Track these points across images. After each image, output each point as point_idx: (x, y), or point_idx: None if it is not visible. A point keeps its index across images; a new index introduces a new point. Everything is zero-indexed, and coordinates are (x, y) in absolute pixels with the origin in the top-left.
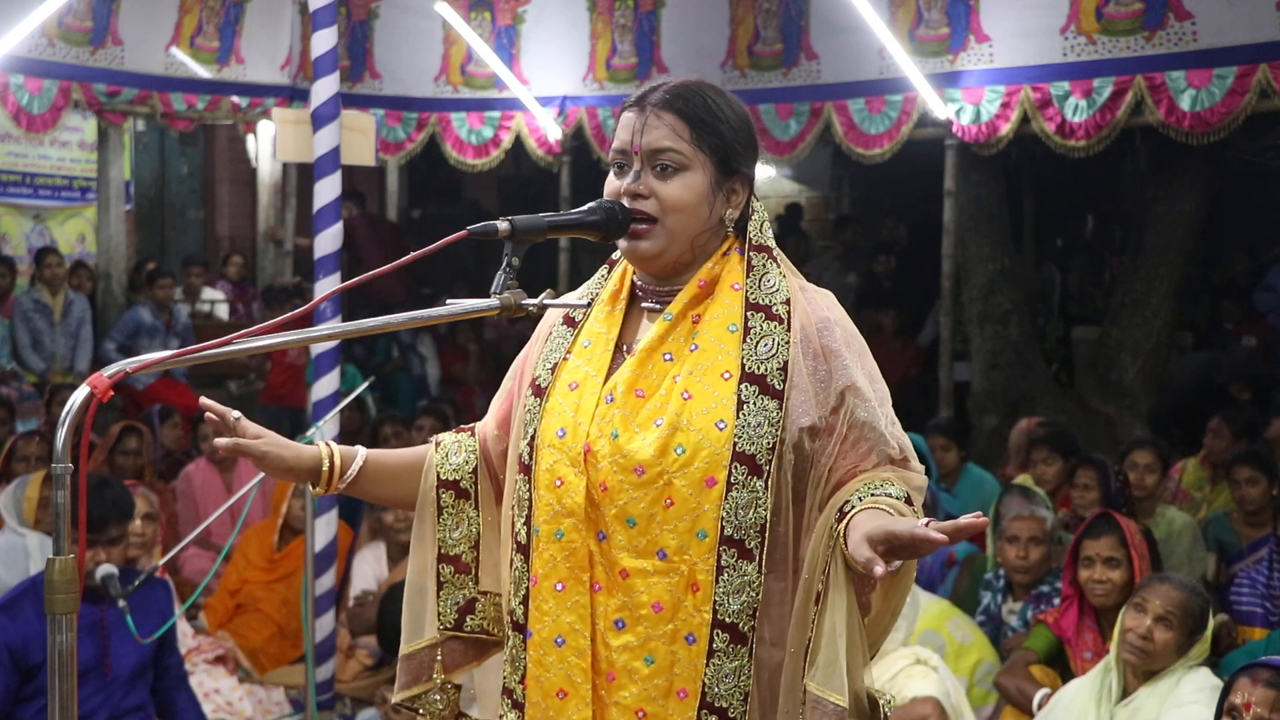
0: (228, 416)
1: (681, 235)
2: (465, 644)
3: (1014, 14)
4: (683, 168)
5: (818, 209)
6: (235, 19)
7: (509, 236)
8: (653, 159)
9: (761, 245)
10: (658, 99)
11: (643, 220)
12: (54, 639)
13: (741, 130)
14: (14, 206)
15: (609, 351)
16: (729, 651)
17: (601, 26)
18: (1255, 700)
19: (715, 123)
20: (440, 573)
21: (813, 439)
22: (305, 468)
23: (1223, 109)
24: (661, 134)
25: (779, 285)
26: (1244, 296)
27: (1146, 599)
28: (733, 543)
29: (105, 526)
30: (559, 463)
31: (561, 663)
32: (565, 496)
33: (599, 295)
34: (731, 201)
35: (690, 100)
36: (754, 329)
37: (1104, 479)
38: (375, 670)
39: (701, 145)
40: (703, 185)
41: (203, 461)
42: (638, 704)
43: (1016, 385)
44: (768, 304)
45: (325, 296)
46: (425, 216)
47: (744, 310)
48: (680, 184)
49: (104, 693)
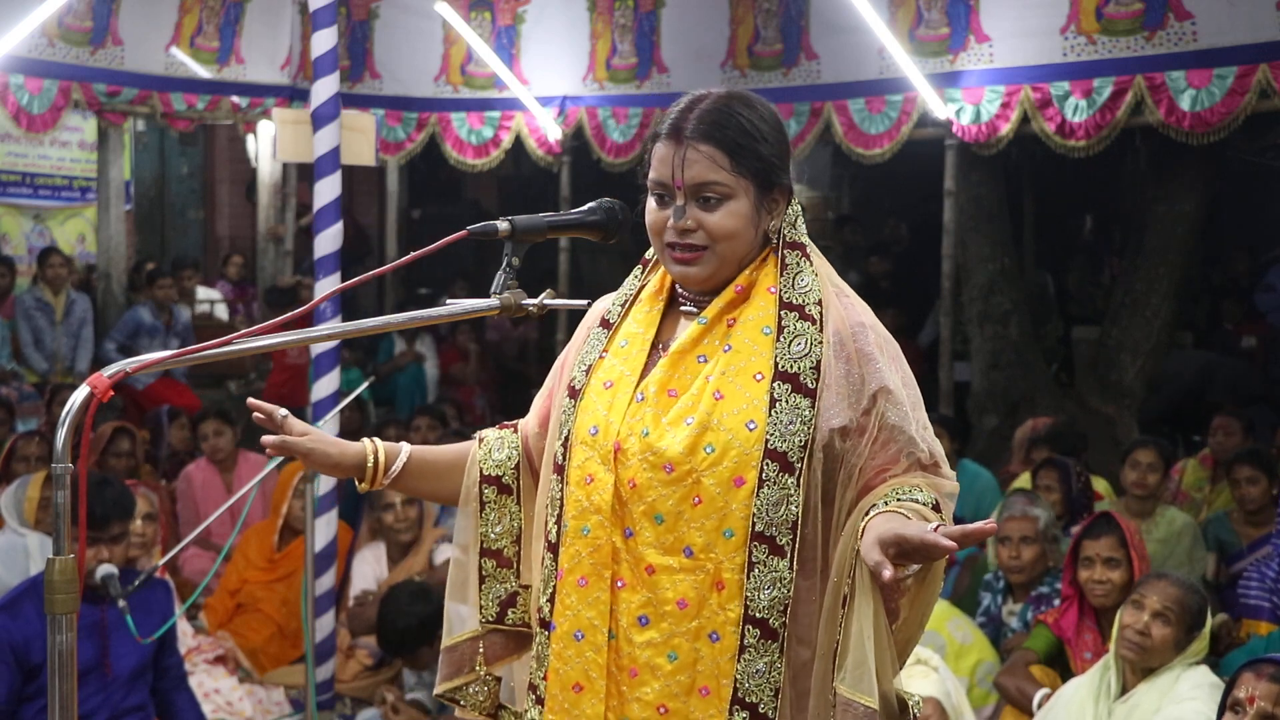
0: (275, 415)
1: (731, 259)
2: (506, 637)
3: (1014, 14)
4: (726, 197)
5: (818, 209)
6: (235, 19)
7: (509, 236)
8: (696, 192)
9: (795, 243)
10: (693, 130)
11: (691, 248)
12: (54, 639)
13: (777, 142)
14: (14, 206)
15: (645, 351)
16: (759, 647)
17: (601, 26)
18: (1259, 694)
19: (753, 144)
20: (482, 566)
21: (843, 440)
22: (350, 464)
23: (1223, 109)
24: (703, 168)
25: (811, 285)
26: (1244, 297)
27: (1144, 595)
28: (764, 539)
29: (107, 524)
30: (590, 460)
31: (579, 657)
32: (595, 493)
33: (638, 295)
34: (774, 213)
35: (726, 126)
36: (787, 329)
37: (1065, 480)
38: (375, 670)
39: (742, 172)
40: (747, 209)
41: (203, 462)
42: (659, 700)
43: (1016, 385)
44: (801, 304)
45: (325, 296)
46: (425, 216)
47: (778, 311)
48: (726, 213)
49: (104, 693)
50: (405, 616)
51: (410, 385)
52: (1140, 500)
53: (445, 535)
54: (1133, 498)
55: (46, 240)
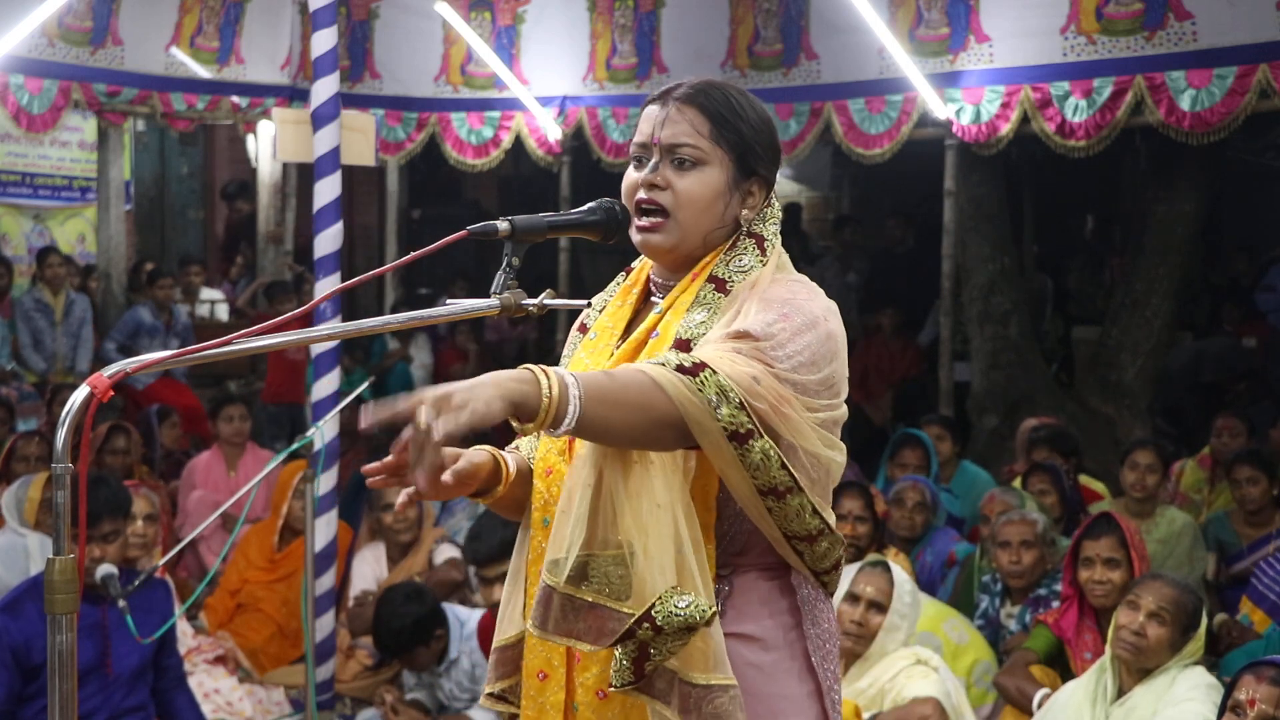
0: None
1: (693, 230)
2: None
3: (1014, 14)
4: (700, 162)
5: (818, 209)
6: (235, 19)
7: (509, 236)
8: (671, 152)
9: (755, 233)
10: (681, 94)
11: (655, 212)
12: (54, 639)
13: (763, 132)
14: (14, 206)
15: (611, 344)
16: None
17: (601, 26)
18: (1260, 697)
19: (737, 121)
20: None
21: None
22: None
23: (1223, 109)
24: (682, 128)
25: (748, 265)
26: (1244, 297)
27: (1140, 596)
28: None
29: (98, 522)
30: (550, 452)
31: (542, 646)
32: (553, 485)
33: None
34: (747, 203)
35: (713, 97)
36: (699, 300)
37: (1057, 483)
38: (375, 670)
39: (721, 142)
40: (719, 182)
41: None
42: (599, 684)
43: (1016, 385)
44: (724, 278)
45: (325, 296)
46: (425, 216)
47: (700, 287)
48: (696, 178)
49: (104, 693)
50: (400, 617)
51: (398, 385)
52: (1139, 502)
53: (445, 535)
54: (1131, 499)
55: (46, 240)
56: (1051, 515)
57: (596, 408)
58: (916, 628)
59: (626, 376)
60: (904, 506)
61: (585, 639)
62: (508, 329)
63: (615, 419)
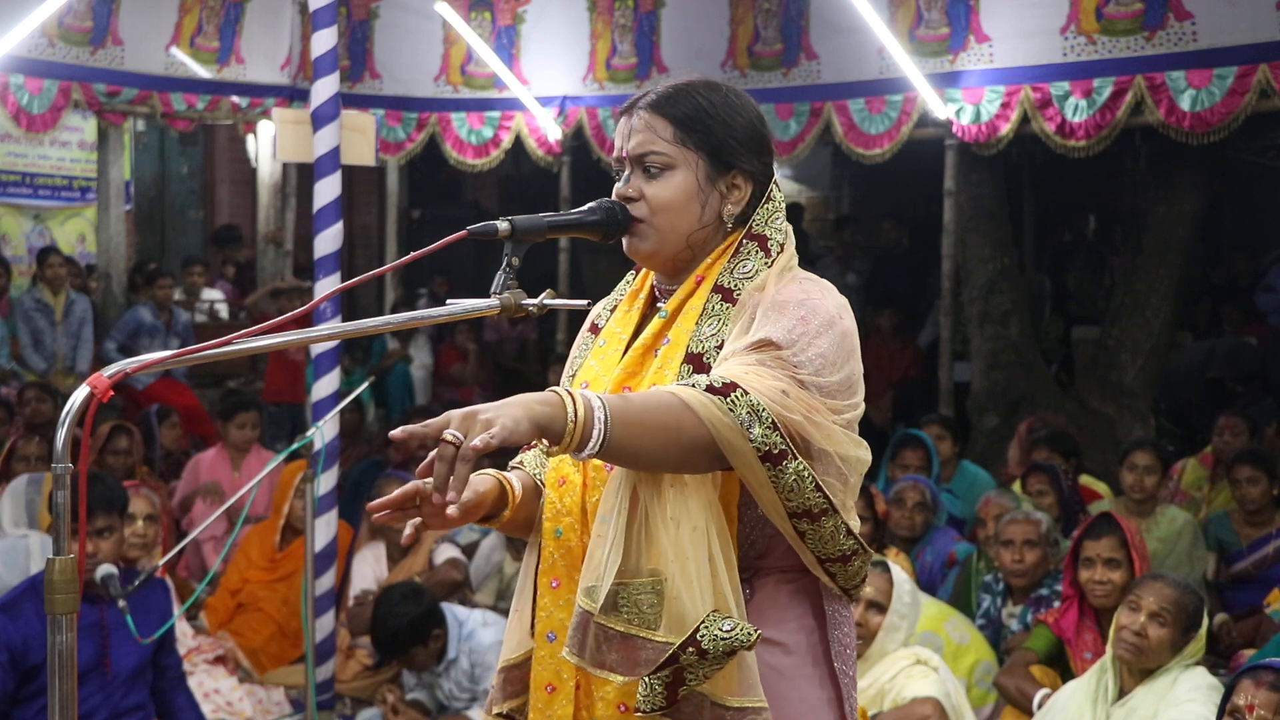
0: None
1: (673, 234)
2: None
3: (1014, 14)
4: (668, 168)
5: (818, 209)
6: (235, 19)
7: (509, 236)
8: (640, 162)
9: (757, 234)
10: (645, 103)
11: (638, 222)
12: (54, 639)
13: (738, 125)
14: (14, 206)
15: (620, 351)
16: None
17: (601, 26)
18: (1258, 703)
19: (704, 119)
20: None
21: None
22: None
23: (1223, 109)
24: (645, 136)
25: (753, 270)
26: (1244, 297)
27: (1140, 596)
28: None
29: (91, 517)
30: (563, 462)
31: (551, 658)
32: (566, 495)
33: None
34: (731, 197)
35: (677, 101)
36: (708, 311)
37: (1055, 483)
38: (375, 670)
39: (687, 143)
40: (689, 183)
41: (217, 449)
42: (620, 699)
43: (1016, 385)
44: (731, 287)
45: (325, 296)
46: (425, 217)
47: (708, 295)
48: (665, 184)
49: (104, 693)
50: (397, 617)
51: (398, 385)
52: (1139, 502)
53: (445, 536)
54: (1131, 500)
55: (46, 240)
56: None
57: (623, 430)
58: (918, 628)
59: (655, 399)
60: (904, 506)
61: (618, 670)
62: (507, 329)
63: (644, 441)
